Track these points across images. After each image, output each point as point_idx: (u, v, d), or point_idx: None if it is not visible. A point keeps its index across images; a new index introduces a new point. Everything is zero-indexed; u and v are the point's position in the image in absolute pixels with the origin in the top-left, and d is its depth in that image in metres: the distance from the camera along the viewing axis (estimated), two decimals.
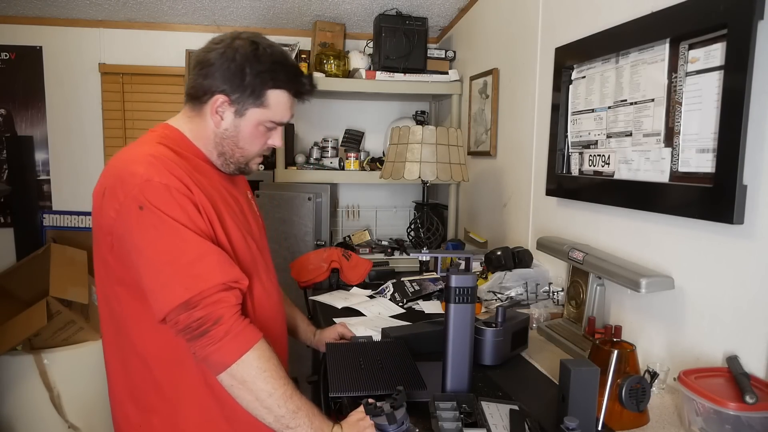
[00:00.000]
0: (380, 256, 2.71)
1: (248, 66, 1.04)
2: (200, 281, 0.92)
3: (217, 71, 1.04)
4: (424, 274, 2.18)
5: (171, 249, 0.93)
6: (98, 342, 2.42)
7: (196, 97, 1.08)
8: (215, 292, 0.93)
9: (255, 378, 0.94)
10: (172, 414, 1.04)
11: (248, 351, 0.94)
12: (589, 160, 1.56)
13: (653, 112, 1.29)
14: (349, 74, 2.85)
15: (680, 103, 1.20)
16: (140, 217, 0.93)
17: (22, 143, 2.93)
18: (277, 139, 1.15)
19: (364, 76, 2.70)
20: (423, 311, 1.76)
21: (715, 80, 1.10)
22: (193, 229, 0.95)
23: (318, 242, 2.58)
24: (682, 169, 1.21)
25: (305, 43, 3.00)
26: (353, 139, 3.12)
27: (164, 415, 1.04)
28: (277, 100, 1.08)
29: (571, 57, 1.63)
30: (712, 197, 1.09)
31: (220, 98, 1.05)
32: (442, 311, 1.74)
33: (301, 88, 1.11)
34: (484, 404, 1.04)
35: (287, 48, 2.97)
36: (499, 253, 1.54)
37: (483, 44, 2.51)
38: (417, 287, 1.91)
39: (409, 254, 2.64)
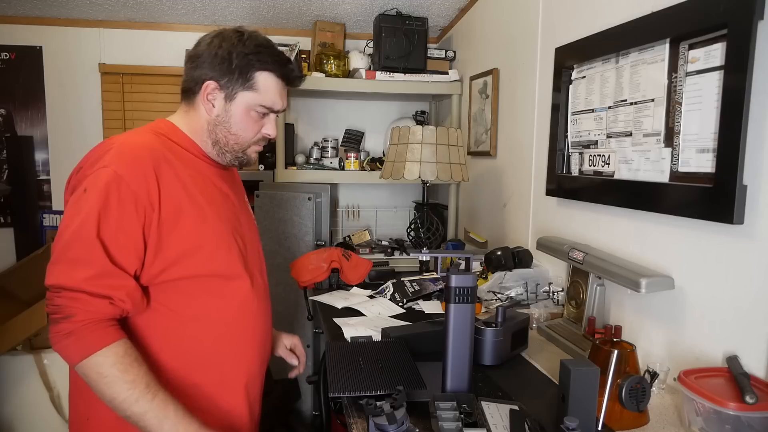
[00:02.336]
0: (380, 256, 2.70)
1: (234, 50, 1.08)
2: (66, 277, 0.94)
3: (205, 60, 1.09)
4: (424, 274, 2.18)
5: (73, 235, 0.95)
6: None
7: (189, 89, 1.12)
8: (77, 291, 0.93)
9: (96, 382, 0.94)
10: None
11: (89, 356, 0.93)
12: (589, 160, 1.56)
13: (653, 112, 1.29)
14: (349, 74, 2.85)
15: (680, 103, 1.20)
16: (79, 197, 0.98)
17: (22, 143, 2.93)
18: (270, 128, 1.15)
19: (364, 76, 2.70)
20: (423, 311, 1.76)
21: (715, 80, 1.10)
22: (103, 232, 0.95)
23: (318, 242, 2.58)
24: (682, 169, 1.21)
25: (305, 43, 3.00)
26: (353, 139, 3.12)
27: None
28: (266, 83, 1.10)
29: (571, 57, 1.63)
30: (712, 197, 1.09)
31: (210, 84, 1.09)
32: (442, 311, 1.74)
33: (288, 72, 1.13)
34: (484, 404, 1.04)
35: (287, 48, 2.97)
36: (499, 253, 1.54)
37: (483, 44, 2.51)
38: (417, 287, 1.91)
39: (409, 254, 2.64)
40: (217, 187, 1.14)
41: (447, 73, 2.80)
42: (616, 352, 1.01)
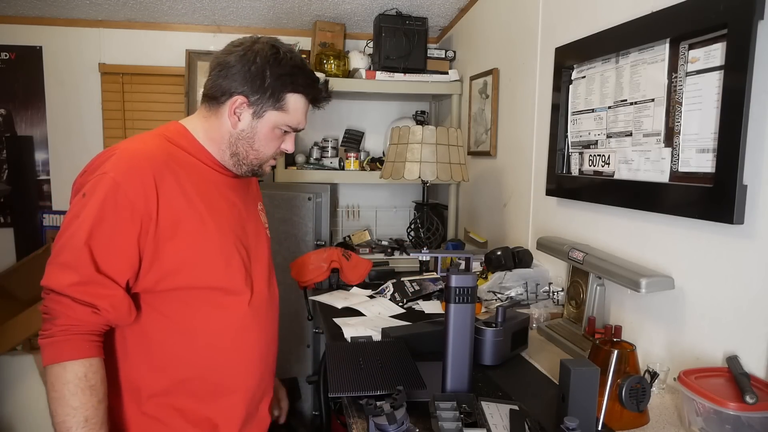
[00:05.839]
0: (380, 256, 2.70)
1: (269, 69, 1.06)
2: (54, 280, 0.94)
3: (237, 73, 1.06)
4: (424, 274, 2.18)
5: (67, 239, 0.96)
6: None
7: (214, 97, 1.10)
8: (62, 295, 0.94)
9: (48, 391, 0.94)
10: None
11: (53, 364, 0.93)
12: (589, 160, 1.56)
13: (653, 112, 1.29)
14: (349, 74, 2.85)
15: (680, 103, 1.20)
16: (77, 201, 0.98)
17: (22, 143, 2.93)
18: (290, 144, 1.16)
19: (364, 76, 2.70)
20: (423, 311, 1.76)
21: (715, 80, 1.10)
22: (93, 240, 0.94)
23: (318, 242, 2.58)
24: (682, 169, 1.21)
25: (305, 43, 3.00)
26: (353, 139, 3.12)
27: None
28: (296, 105, 1.11)
29: (571, 57, 1.63)
30: (712, 197, 1.09)
31: (239, 99, 1.07)
32: (442, 311, 1.74)
33: (318, 94, 1.15)
34: (484, 404, 1.04)
35: None
36: (499, 253, 1.54)
37: (483, 44, 2.51)
38: (417, 287, 1.91)
39: (409, 254, 2.64)
40: (224, 196, 1.12)
41: (447, 73, 2.80)
42: (616, 352, 1.01)
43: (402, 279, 1.99)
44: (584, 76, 1.58)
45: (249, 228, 1.18)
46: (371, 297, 1.91)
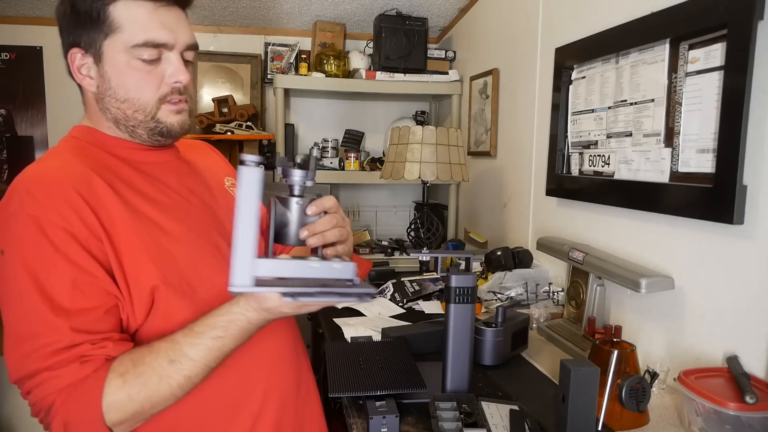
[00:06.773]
0: (380, 256, 2.70)
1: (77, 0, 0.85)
2: (25, 364, 0.75)
3: (60, 28, 0.89)
4: (424, 274, 2.18)
5: (15, 314, 0.76)
6: None
7: (70, 74, 0.91)
8: (41, 371, 0.74)
9: (136, 407, 0.76)
10: None
11: (100, 405, 0.74)
12: (589, 160, 1.56)
13: (653, 113, 1.29)
14: (349, 74, 2.85)
15: (680, 104, 1.20)
16: (0, 264, 0.77)
17: (22, 143, 2.93)
18: (176, 72, 0.86)
19: (364, 76, 2.70)
20: (423, 311, 1.76)
21: (715, 80, 1.10)
22: (47, 286, 0.75)
23: None
24: (682, 169, 1.21)
25: (305, 43, 3.00)
26: (353, 140, 3.12)
27: None
28: (127, 13, 0.83)
29: (571, 57, 1.63)
30: (712, 197, 1.09)
31: (74, 54, 0.87)
32: (442, 311, 1.74)
33: None
34: (484, 404, 1.04)
35: (287, 48, 2.97)
36: (499, 253, 1.54)
37: (483, 44, 2.51)
38: (417, 287, 1.91)
39: (409, 254, 2.64)
40: (171, 188, 0.92)
41: (447, 73, 2.80)
42: (616, 352, 1.01)
43: (402, 279, 1.99)
44: (584, 77, 1.58)
45: (222, 214, 0.97)
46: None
